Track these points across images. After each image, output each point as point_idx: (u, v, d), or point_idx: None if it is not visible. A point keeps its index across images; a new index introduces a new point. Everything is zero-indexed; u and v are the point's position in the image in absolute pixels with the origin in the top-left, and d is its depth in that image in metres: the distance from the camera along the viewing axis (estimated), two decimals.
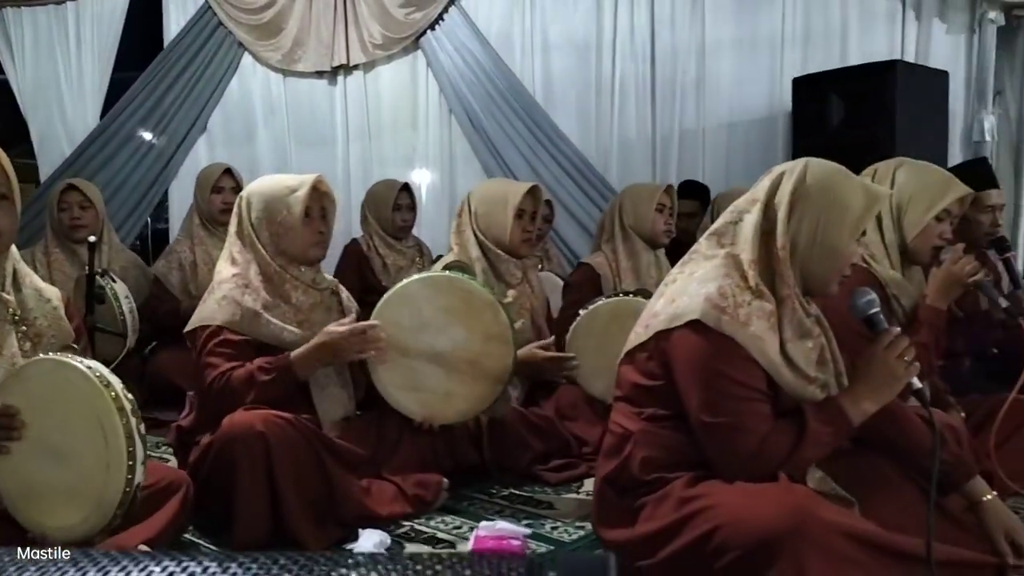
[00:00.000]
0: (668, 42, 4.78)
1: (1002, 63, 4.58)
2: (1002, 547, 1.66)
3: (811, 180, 1.66)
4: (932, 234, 2.23)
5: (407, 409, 2.26)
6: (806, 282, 1.68)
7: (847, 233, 1.64)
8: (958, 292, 2.29)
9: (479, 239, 2.72)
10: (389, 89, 5.27)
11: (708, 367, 1.58)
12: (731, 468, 1.60)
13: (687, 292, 1.65)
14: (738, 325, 1.57)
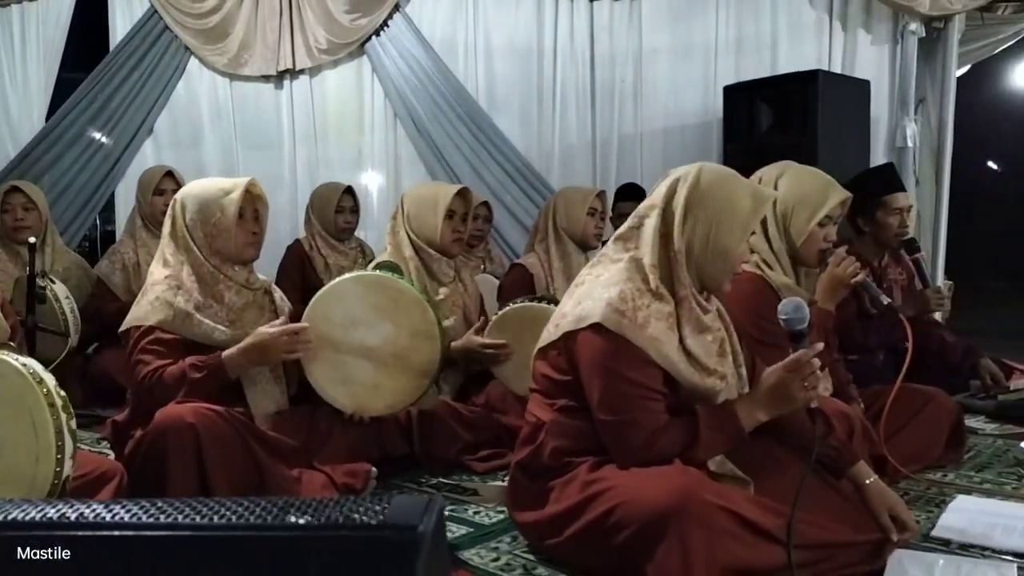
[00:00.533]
0: (607, 49, 4.94)
1: (923, 72, 4.80)
2: (885, 523, 1.80)
3: (704, 185, 1.78)
4: (817, 239, 2.35)
5: (337, 402, 2.36)
6: (702, 281, 1.81)
7: (737, 235, 1.77)
8: (844, 293, 2.41)
9: (412, 239, 2.83)
10: (335, 93, 5.36)
11: (606, 367, 1.71)
12: (623, 459, 1.73)
13: (592, 295, 1.76)
14: (636, 328, 1.69)
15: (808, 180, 2.39)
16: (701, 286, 1.82)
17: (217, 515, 0.64)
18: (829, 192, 2.35)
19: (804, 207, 2.33)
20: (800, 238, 2.34)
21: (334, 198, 3.97)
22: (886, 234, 3.23)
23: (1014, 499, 2.24)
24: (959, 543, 1.94)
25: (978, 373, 3.40)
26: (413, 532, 0.62)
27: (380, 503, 0.67)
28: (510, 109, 5.10)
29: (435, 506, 0.68)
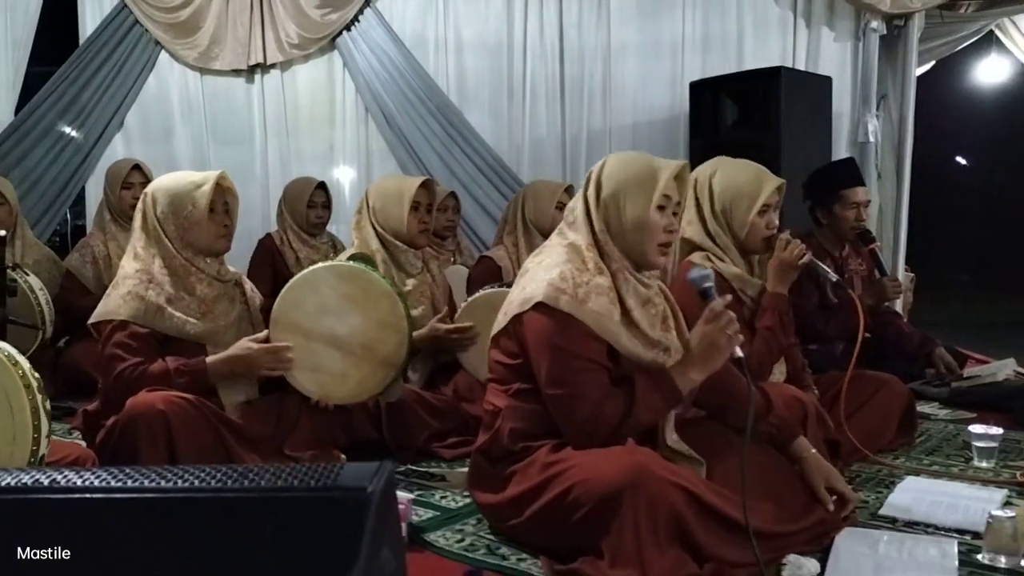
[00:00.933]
0: (576, 44, 5.00)
1: (884, 69, 4.92)
2: (822, 494, 1.91)
3: (609, 166, 1.92)
4: (760, 228, 2.44)
5: (305, 388, 2.40)
6: (630, 256, 1.89)
7: (641, 204, 1.85)
8: (794, 275, 2.49)
9: (378, 232, 2.87)
10: (306, 88, 5.39)
11: (551, 343, 1.79)
12: (573, 433, 1.81)
13: (534, 279, 1.86)
14: (577, 303, 1.78)
15: (740, 173, 2.47)
16: (634, 263, 1.90)
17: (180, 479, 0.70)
18: (762, 182, 2.43)
19: (741, 200, 2.42)
20: (743, 230, 2.43)
21: (306, 193, 4.01)
22: (842, 227, 3.33)
23: (960, 480, 2.34)
24: (904, 521, 2.02)
25: (933, 361, 3.51)
26: (362, 492, 0.68)
27: (333, 468, 0.73)
28: (480, 103, 5.16)
29: (384, 470, 0.73)
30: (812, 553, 1.77)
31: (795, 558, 1.73)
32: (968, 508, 2.04)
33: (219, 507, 0.68)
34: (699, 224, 2.50)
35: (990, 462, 2.45)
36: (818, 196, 3.39)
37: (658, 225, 1.87)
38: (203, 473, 0.71)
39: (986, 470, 2.42)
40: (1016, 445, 2.65)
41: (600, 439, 1.78)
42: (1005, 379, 3.27)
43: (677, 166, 1.91)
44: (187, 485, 0.69)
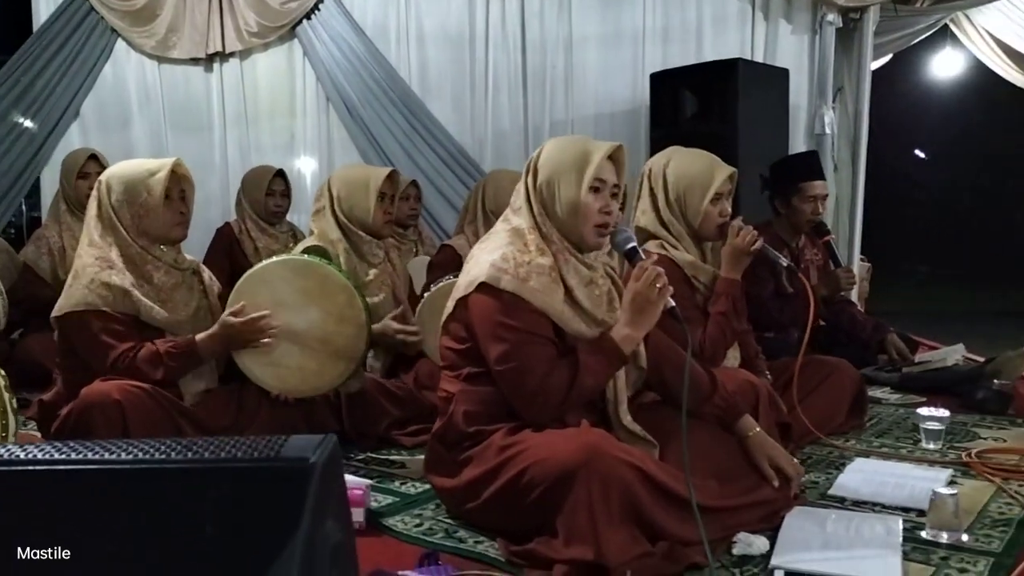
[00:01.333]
0: (537, 35, 5.01)
1: (841, 62, 5.00)
2: (766, 471, 1.96)
3: (546, 151, 1.96)
4: (713, 216, 2.51)
5: (264, 382, 2.40)
6: (570, 238, 1.93)
7: (574, 185, 1.89)
8: (746, 261, 2.55)
9: (341, 222, 2.87)
10: (266, 77, 5.34)
11: (496, 321, 1.83)
12: (523, 406, 1.84)
13: (479, 262, 1.90)
14: (518, 282, 1.83)
15: (693, 163, 2.54)
16: (574, 244, 1.94)
17: (124, 452, 0.70)
18: (715, 170, 2.50)
19: (695, 189, 2.49)
20: (697, 218, 2.50)
21: (264, 181, 3.98)
22: (799, 218, 3.38)
23: (908, 461, 2.40)
24: (853, 500, 2.08)
25: (885, 348, 3.60)
26: (304, 463, 0.69)
27: (277, 441, 0.74)
28: (443, 94, 5.15)
29: (328, 443, 0.75)
30: (762, 531, 1.81)
31: (745, 536, 1.77)
32: (914, 487, 2.10)
33: (163, 478, 0.69)
34: (653, 213, 2.56)
35: (937, 444, 2.51)
36: (777, 187, 3.45)
37: (591, 207, 1.90)
38: (147, 446, 0.71)
39: (933, 451, 2.49)
40: (963, 427, 2.73)
41: (551, 409, 1.83)
42: (954, 364, 3.36)
43: (609, 147, 1.93)
44: (131, 457, 0.70)
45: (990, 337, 5.20)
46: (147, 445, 0.72)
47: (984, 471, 2.25)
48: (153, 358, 2.24)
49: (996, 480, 2.18)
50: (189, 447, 0.72)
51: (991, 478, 2.20)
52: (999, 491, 2.11)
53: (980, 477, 2.23)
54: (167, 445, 0.72)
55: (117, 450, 0.71)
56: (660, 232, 2.53)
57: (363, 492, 1.96)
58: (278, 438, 0.74)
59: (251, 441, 0.74)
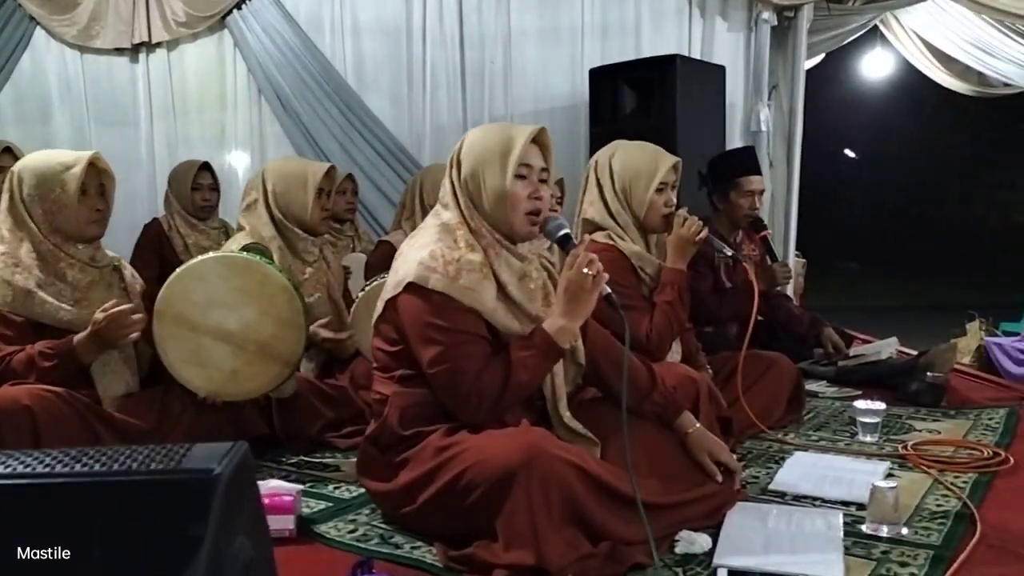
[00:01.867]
0: (476, 30, 4.94)
1: (776, 60, 5.05)
2: (707, 465, 1.94)
3: (468, 141, 1.91)
4: (658, 206, 2.52)
5: (191, 383, 2.29)
6: (499, 229, 1.87)
7: (498, 173, 1.83)
8: (692, 251, 2.55)
9: (275, 218, 2.76)
10: (195, 68, 5.17)
11: (426, 322, 1.76)
12: (458, 407, 1.78)
13: (407, 260, 1.82)
14: (448, 280, 1.76)
15: (638, 154, 2.57)
16: (505, 236, 1.88)
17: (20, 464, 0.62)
18: (659, 161, 2.53)
19: (640, 179, 2.51)
20: (643, 208, 2.51)
21: (190, 175, 3.82)
22: (736, 213, 3.39)
23: (846, 454, 2.41)
24: (793, 495, 2.07)
25: (821, 342, 3.63)
26: (208, 475, 0.62)
27: (181, 450, 0.66)
28: (380, 88, 5.05)
29: (238, 451, 0.68)
30: (705, 529, 1.78)
31: (687, 534, 1.74)
32: (853, 481, 2.10)
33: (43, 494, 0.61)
34: (601, 203, 2.57)
35: (874, 436, 2.53)
36: (716, 182, 3.46)
37: (519, 195, 1.85)
38: (29, 457, 0.63)
39: (870, 444, 2.50)
40: (898, 420, 2.75)
41: (486, 410, 1.77)
42: (888, 357, 3.40)
43: (532, 131, 1.87)
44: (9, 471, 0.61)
45: (919, 330, 5.32)
46: (28, 456, 0.64)
47: (920, 463, 2.26)
48: (27, 360, 2.11)
49: (932, 472, 2.19)
50: (79, 458, 0.64)
51: (927, 470, 2.21)
52: (936, 483, 2.12)
53: (917, 469, 2.24)
54: (52, 457, 0.64)
55: (11, 461, 0.62)
56: (607, 222, 2.54)
57: (293, 498, 1.87)
58: (180, 447, 0.66)
59: (150, 450, 0.66)
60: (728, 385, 2.76)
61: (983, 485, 2.10)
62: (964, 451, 2.39)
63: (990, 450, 2.34)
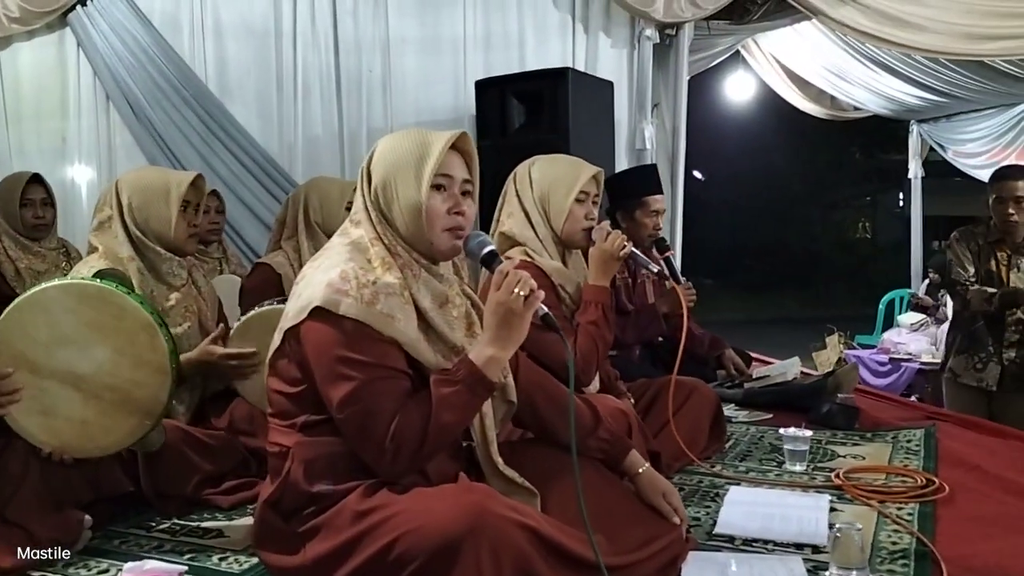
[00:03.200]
0: (351, 35, 4.66)
1: (658, 78, 5.02)
2: (662, 507, 1.76)
3: (378, 150, 1.67)
4: (578, 217, 2.39)
5: (33, 437, 1.88)
6: (416, 248, 1.64)
7: (412, 184, 1.60)
8: (615, 266, 2.42)
9: (134, 236, 2.36)
10: (31, 70, 4.62)
11: (335, 355, 1.49)
12: (374, 458, 1.51)
13: (311, 283, 1.55)
14: (362, 306, 1.50)
15: (559, 163, 2.50)
16: (426, 255, 1.65)
17: None
18: (579, 170, 2.43)
19: (559, 187, 2.40)
20: (561, 217, 2.39)
21: (17, 189, 3.29)
22: (641, 233, 3.27)
23: (779, 486, 2.28)
24: (743, 539, 1.90)
25: (724, 363, 3.55)
26: None
27: None
28: (245, 95, 4.65)
29: None
30: None
31: None
32: (802, 519, 1.96)
33: None
34: (521, 215, 2.42)
35: (802, 464, 2.42)
36: (620, 201, 3.33)
37: (437, 208, 1.61)
38: None
39: (800, 473, 2.39)
40: (817, 444, 2.66)
41: (404, 459, 1.50)
42: (793, 379, 3.35)
43: (451, 136, 1.64)
44: None
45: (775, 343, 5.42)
46: None
47: (858, 494, 2.15)
48: None
49: (874, 504, 2.09)
50: None
51: (868, 502, 2.11)
52: (881, 516, 2.01)
53: (856, 501, 2.13)
54: None
55: None
56: (526, 235, 2.39)
57: None
58: None
59: None
60: (649, 414, 2.61)
61: (928, 516, 2.01)
62: (896, 478, 2.31)
63: (922, 477, 2.26)
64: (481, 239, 1.67)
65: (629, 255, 2.40)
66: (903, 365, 5.88)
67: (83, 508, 1.94)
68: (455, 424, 1.56)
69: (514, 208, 2.43)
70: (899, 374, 5.91)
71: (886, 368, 6.05)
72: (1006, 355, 3.32)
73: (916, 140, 8.10)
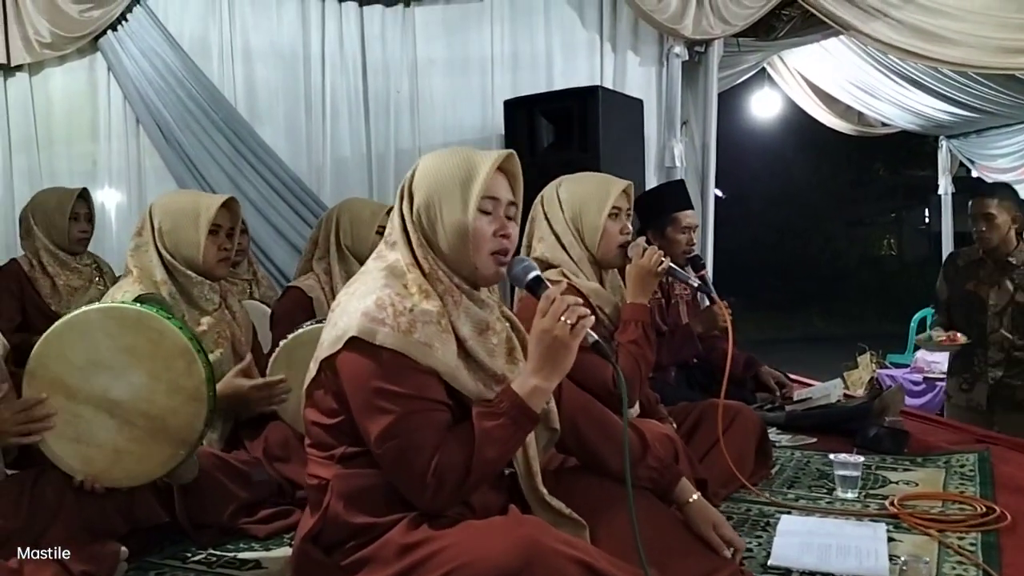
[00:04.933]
0: (379, 57, 4.65)
1: (687, 95, 4.97)
2: (713, 539, 1.69)
3: (420, 168, 1.61)
4: (613, 233, 2.34)
5: (65, 463, 1.84)
6: (460, 272, 1.58)
7: (459, 205, 1.55)
8: (654, 283, 2.37)
9: (165, 260, 2.33)
10: (62, 94, 4.65)
11: (373, 387, 1.44)
12: (415, 493, 1.46)
13: (347, 311, 1.50)
14: (400, 335, 1.44)
15: (587, 180, 2.44)
16: (466, 280, 1.59)
17: None
18: (609, 185, 2.38)
19: (590, 205, 2.35)
20: (596, 235, 2.33)
21: (67, 204, 3.31)
22: (674, 250, 3.21)
23: (832, 514, 2.19)
24: (799, 572, 1.82)
25: (762, 379, 3.46)
26: None
27: None
28: (274, 118, 4.66)
29: None
30: None
31: None
32: (860, 550, 1.88)
33: None
34: (552, 238, 2.36)
35: (854, 491, 2.33)
36: (650, 218, 3.27)
37: (484, 231, 1.56)
38: None
39: (852, 501, 2.30)
40: (867, 470, 2.57)
41: (446, 494, 1.45)
42: (837, 401, 3.26)
43: (499, 156, 1.60)
44: None
45: (804, 362, 5.31)
46: None
47: (917, 523, 2.06)
48: None
49: (933, 534, 2.00)
50: None
51: (927, 531, 2.02)
52: (943, 547, 1.92)
53: (914, 530, 2.04)
54: None
55: None
56: (560, 258, 2.33)
57: None
58: None
59: None
60: (692, 439, 2.53)
61: (993, 547, 1.92)
62: (953, 505, 2.22)
63: (981, 504, 2.17)
64: (526, 264, 1.62)
65: (667, 270, 2.35)
66: (938, 384, 5.73)
67: (119, 539, 1.89)
68: (499, 458, 1.51)
69: (544, 232, 2.37)
70: (934, 393, 5.77)
71: (920, 387, 5.91)
72: (991, 374, 3.31)
73: (945, 156, 7.99)
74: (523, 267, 1.61)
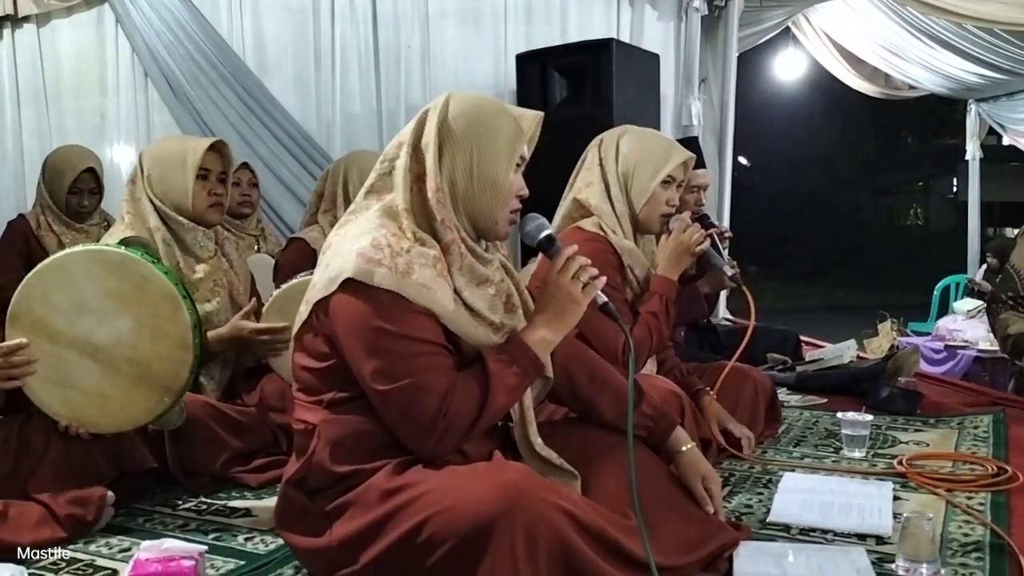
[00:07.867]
0: (390, 9, 4.55)
1: (705, 51, 4.85)
2: (699, 493, 1.65)
3: (456, 113, 1.50)
4: (660, 201, 2.25)
5: (48, 407, 1.82)
6: (475, 223, 1.53)
7: (504, 162, 1.49)
8: (688, 261, 2.29)
9: (157, 206, 2.28)
10: (70, 47, 4.59)
11: (371, 327, 1.38)
12: (420, 437, 1.41)
13: (340, 252, 1.43)
14: (398, 276, 1.38)
15: (649, 140, 2.32)
16: (477, 231, 1.54)
17: None
18: (671, 152, 2.27)
19: (645, 166, 2.24)
20: (643, 198, 2.25)
21: (67, 177, 3.25)
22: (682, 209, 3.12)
23: (836, 472, 2.13)
24: (799, 528, 1.77)
25: None
26: None
27: None
28: (283, 72, 4.57)
29: None
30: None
31: None
32: (863, 508, 1.83)
33: None
34: (601, 185, 2.28)
35: (861, 451, 2.27)
36: None
37: (514, 188, 1.52)
38: None
39: (859, 460, 2.24)
40: (876, 430, 2.50)
41: (453, 439, 1.42)
42: (849, 362, 3.18)
43: (537, 117, 1.54)
44: None
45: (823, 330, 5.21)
46: None
47: (924, 482, 2.00)
48: None
49: (941, 493, 1.93)
50: None
51: (935, 490, 1.95)
52: (950, 506, 1.86)
53: (921, 489, 1.98)
54: None
55: None
56: (602, 208, 2.25)
57: (196, 563, 1.45)
58: None
59: None
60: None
61: (1002, 507, 1.85)
62: (964, 465, 2.15)
63: (993, 465, 2.10)
64: (539, 222, 1.58)
65: (704, 252, 2.29)
66: (960, 352, 5.62)
67: (107, 485, 1.87)
68: (506, 406, 1.49)
69: (594, 177, 2.29)
70: (955, 361, 5.67)
71: (941, 355, 5.81)
72: None
73: (974, 120, 7.79)
74: (536, 224, 1.58)
